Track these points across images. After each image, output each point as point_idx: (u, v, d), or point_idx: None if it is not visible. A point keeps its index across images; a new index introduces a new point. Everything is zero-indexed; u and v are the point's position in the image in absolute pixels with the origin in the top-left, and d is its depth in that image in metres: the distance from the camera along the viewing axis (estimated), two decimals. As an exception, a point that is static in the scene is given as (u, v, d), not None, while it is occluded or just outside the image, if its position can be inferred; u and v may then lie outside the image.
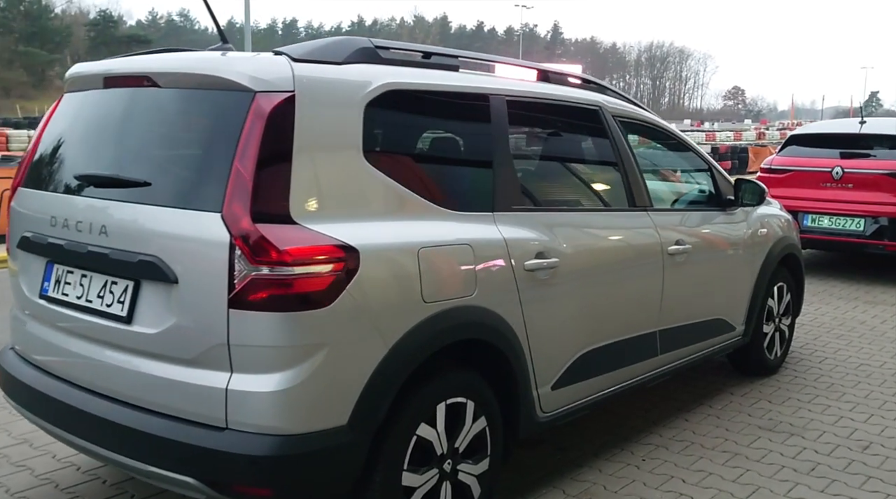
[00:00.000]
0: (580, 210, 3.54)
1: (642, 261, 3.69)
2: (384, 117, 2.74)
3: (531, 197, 3.31)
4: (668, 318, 3.89)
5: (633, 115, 3.96)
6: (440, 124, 3.13)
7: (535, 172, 3.57)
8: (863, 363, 5.25)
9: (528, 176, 3.41)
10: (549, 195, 3.50)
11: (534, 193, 3.36)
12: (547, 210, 3.31)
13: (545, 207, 3.35)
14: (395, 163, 2.75)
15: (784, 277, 5.01)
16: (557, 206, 3.46)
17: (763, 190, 4.43)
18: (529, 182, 3.38)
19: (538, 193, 3.40)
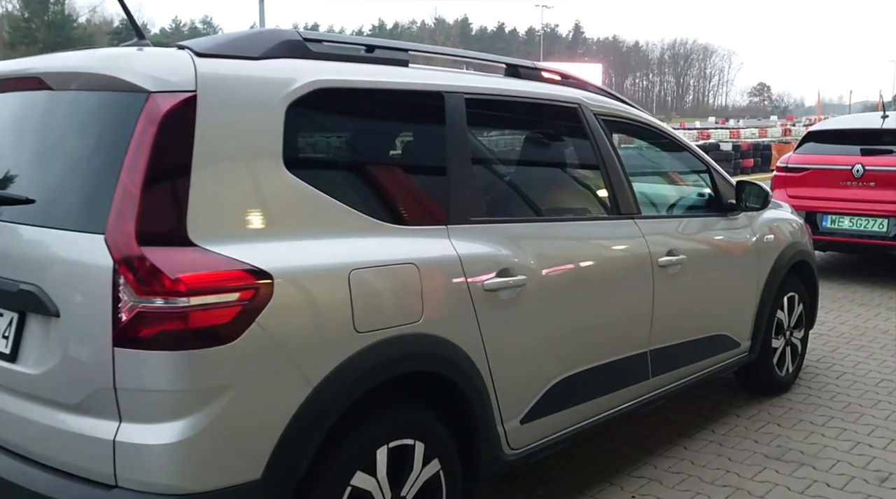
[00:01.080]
0: (553, 220, 3.16)
1: (628, 274, 3.31)
2: (312, 120, 2.40)
3: (495, 207, 2.95)
4: (661, 336, 3.51)
5: (619, 113, 3.59)
6: (382, 127, 2.78)
7: (501, 178, 3.20)
8: (884, 378, 4.82)
9: (491, 183, 3.06)
10: (516, 204, 3.14)
11: (498, 202, 3.00)
12: (513, 221, 2.95)
13: (511, 217, 2.99)
14: (325, 172, 2.42)
15: (795, 286, 4.60)
16: (526, 216, 3.09)
17: (767, 193, 4.03)
18: (493, 190, 3.03)
19: (504, 202, 3.05)
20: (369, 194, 2.51)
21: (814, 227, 7.61)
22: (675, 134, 3.93)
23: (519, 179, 3.31)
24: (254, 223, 2.15)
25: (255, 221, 2.15)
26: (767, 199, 4.05)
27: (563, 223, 3.17)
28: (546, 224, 3.09)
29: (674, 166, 4.41)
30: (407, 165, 2.76)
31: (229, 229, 2.09)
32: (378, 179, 2.60)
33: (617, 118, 3.57)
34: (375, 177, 2.61)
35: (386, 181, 2.61)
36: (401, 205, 2.57)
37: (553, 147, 3.55)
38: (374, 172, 2.62)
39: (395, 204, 2.56)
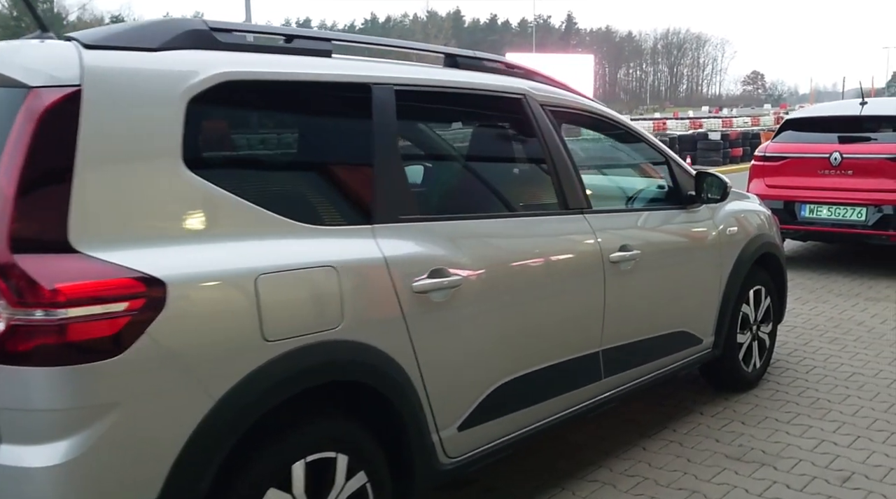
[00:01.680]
0: (494, 216, 3.02)
1: (576, 272, 3.18)
2: (218, 115, 2.27)
3: (429, 204, 2.82)
4: (614, 335, 3.39)
5: (569, 104, 3.45)
6: (299, 122, 2.65)
7: (437, 174, 3.07)
8: (856, 372, 4.70)
9: (426, 179, 2.93)
10: (453, 201, 3.01)
11: (433, 199, 2.87)
12: (449, 219, 2.81)
13: (447, 215, 2.85)
14: (233, 171, 2.28)
15: (762, 279, 4.48)
16: (464, 213, 2.95)
17: (725, 184, 3.90)
18: (428, 186, 2.90)
19: (439, 199, 2.92)
20: (283, 194, 2.38)
21: (792, 216, 7.51)
22: (632, 125, 3.80)
23: (457, 174, 3.18)
24: (147, 227, 2.01)
25: (148, 224, 2.02)
26: (726, 190, 3.91)
27: (504, 220, 3.03)
28: (486, 221, 2.95)
29: (631, 158, 4.28)
30: (327, 162, 2.62)
31: (119, 234, 1.95)
32: (293, 177, 2.47)
33: (566, 109, 3.44)
34: (290, 175, 2.47)
35: (302, 180, 2.47)
36: (319, 204, 2.44)
37: (495, 140, 3.42)
38: (289, 169, 2.49)
39: (313, 203, 2.43)
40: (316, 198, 2.45)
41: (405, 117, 2.74)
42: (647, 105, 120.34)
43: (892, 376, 4.60)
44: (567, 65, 46.07)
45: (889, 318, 5.88)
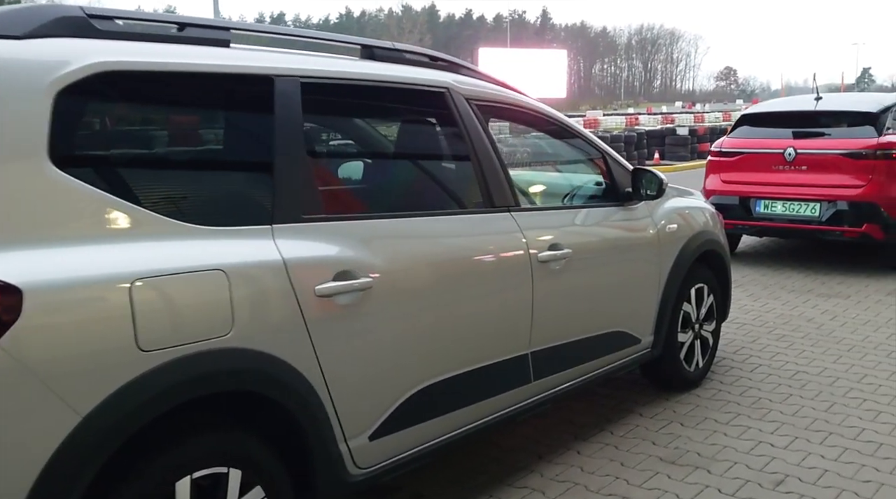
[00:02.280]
0: (412, 215, 2.88)
1: (500, 272, 3.07)
2: (94, 109, 2.13)
3: (339, 203, 2.70)
4: (544, 337, 3.28)
5: (497, 99, 3.34)
6: (189, 116, 2.51)
7: (349, 171, 2.95)
8: (800, 370, 4.64)
9: (336, 177, 2.79)
10: (368, 199, 2.89)
11: (344, 197, 2.75)
12: (361, 218, 2.68)
13: (360, 213, 2.72)
14: (110, 169, 2.14)
15: (704, 277, 4.40)
16: (378, 211, 2.83)
17: (661, 180, 3.81)
18: (338, 184, 2.77)
19: (352, 197, 2.79)
20: (168, 193, 2.24)
21: (748, 212, 7.47)
22: (565, 119, 3.69)
23: (373, 171, 3.05)
24: (6, 230, 1.87)
25: (7, 227, 1.87)
26: (662, 187, 3.82)
27: (423, 218, 2.90)
28: (402, 220, 2.82)
29: (566, 155, 4.17)
30: (220, 159, 2.48)
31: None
32: (181, 175, 2.33)
33: (494, 103, 3.32)
34: (177, 173, 2.33)
35: (190, 178, 2.33)
36: (209, 204, 2.30)
37: (415, 135, 3.30)
38: (175, 167, 2.34)
39: (202, 203, 2.29)
40: (206, 197, 2.32)
41: (314, 112, 2.62)
42: (622, 100, 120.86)
43: (836, 374, 4.54)
44: (540, 60, 46.06)
45: (839, 314, 5.84)
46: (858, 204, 6.94)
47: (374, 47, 2.96)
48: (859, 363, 4.73)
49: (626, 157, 19.65)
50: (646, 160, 20.43)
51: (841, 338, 5.25)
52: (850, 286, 6.70)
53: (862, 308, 5.99)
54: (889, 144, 6.97)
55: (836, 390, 4.30)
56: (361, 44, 2.97)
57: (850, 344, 5.10)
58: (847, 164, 7.03)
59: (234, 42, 2.51)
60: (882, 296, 6.34)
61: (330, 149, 2.92)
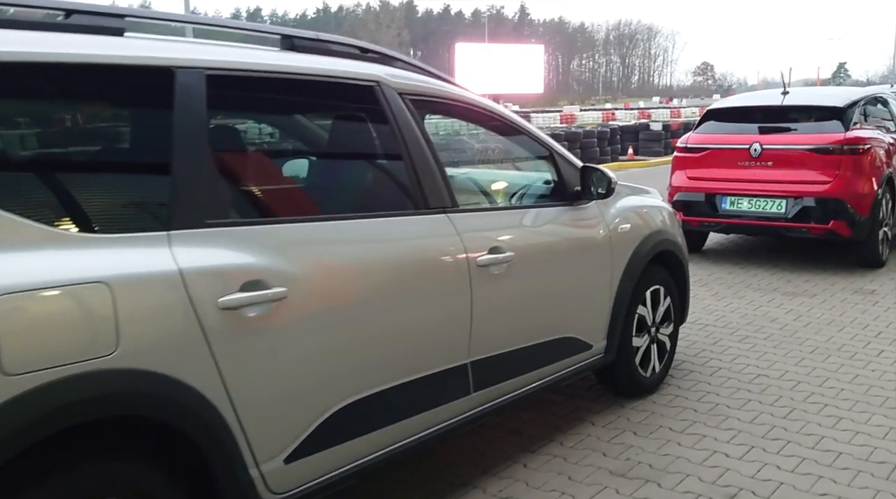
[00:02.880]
0: (333, 218, 2.68)
1: (434, 278, 2.88)
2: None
3: (249, 206, 2.49)
4: (485, 345, 3.10)
5: (435, 93, 3.14)
6: (74, 111, 2.30)
7: (264, 172, 2.74)
8: (761, 374, 4.50)
9: (247, 178, 2.58)
10: (283, 202, 2.67)
11: (256, 200, 2.54)
12: (275, 222, 2.48)
13: (273, 217, 2.52)
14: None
15: (660, 278, 4.23)
16: (296, 215, 2.62)
17: (610, 179, 3.63)
18: (250, 186, 2.56)
19: (265, 200, 2.58)
20: (45, 197, 2.03)
21: (714, 209, 7.33)
22: (510, 115, 3.50)
23: (291, 171, 2.84)
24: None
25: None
26: (611, 186, 3.64)
27: (347, 222, 2.69)
28: (324, 224, 2.61)
29: (511, 152, 3.99)
30: (107, 159, 2.27)
31: None
32: (60, 178, 2.11)
33: (432, 98, 3.13)
34: (55, 175, 2.11)
35: (71, 180, 2.12)
36: (93, 209, 2.09)
37: (341, 132, 3.09)
38: (53, 169, 2.13)
39: (85, 208, 2.08)
40: (90, 201, 2.11)
41: (222, 107, 2.41)
42: (600, 96, 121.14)
43: (797, 378, 4.40)
44: (517, 55, 45.84)
45: (803, 313, 5.71)
46: (825, 200, 6.82)
47: (294, 37, 2.75)
48: (822, 366, 4.59)
49: (599, 152, 19.60)
50: (619, 156, 20.35)
51: (804, 339, 5.11)
52: (816, 284, 6.57)
53: (827, 307, 5.86)
54: (856, 139, 6.86)
55: (796, 395, 4.15)
56: (281, 33, 2.76)
57: (814, 345, 4.97)
58: (813, 159, 6.90)
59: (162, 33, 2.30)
60: (848, 294, 6.22)
61: (241, 147, 2.70)
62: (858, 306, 5.87)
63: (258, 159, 2.78)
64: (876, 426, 3.73)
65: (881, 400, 4.05)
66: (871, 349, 4.87)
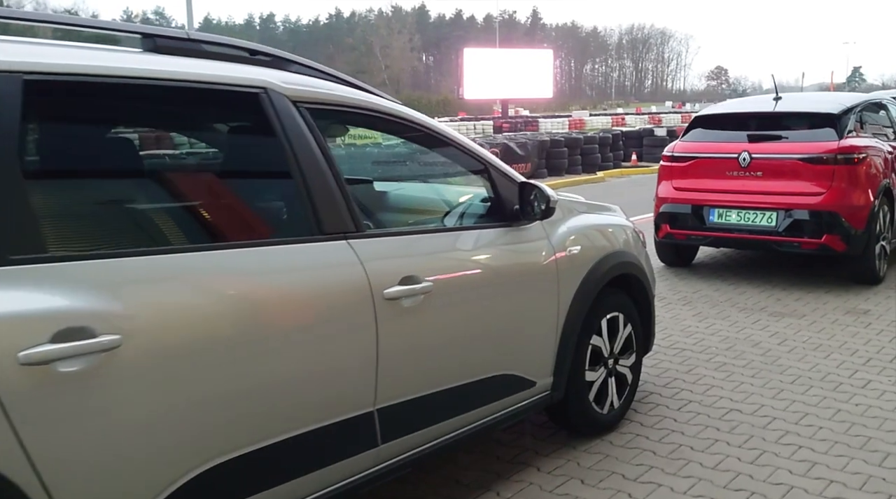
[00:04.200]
0: (189, 249, 2.28)
1: (326, 315, 2.50)
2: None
3: (74, 236, 2.12)
4: (396, 390, 2.72)
5: (341, 101, 2.77)
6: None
7: (99, 194, 2.36)
8: (734, 408, 4.09)
9: (73, 202, 2.22)
10: (128, 231, 2.30)
11: (84, 229, 2.17)
12: (109, 256, 2.09)
13: (109, 250, 2.14)
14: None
15: (620, 304, 3.84)
16: (142, 246, 2.24)
17: (549, 197, 3.24)
18: (76, 211, 2.19)
19: (95, 229, 2.21)
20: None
21: (701, 221, 6.92)
22: (436, 125, 3.11)
23: (140, 194, 2.46)
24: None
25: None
26: (549, 204, 3.24)
27: (209, 253, 2.29)
28: (175, 257, 2.21)
29: (440, 167, 3.61)
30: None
31: None
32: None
33: (336, 107, 2.76)
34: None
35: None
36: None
37: (212, 146, 2.72)
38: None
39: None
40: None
41: (48, 118, 2.05)
42: (612, 100, 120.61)
43: (772, 414, 3.99)
44: (526, 60, 45.49)
45: (789, 337, 5.29)
46: (817, 213, 6.40)
47: (157, 37, 2.38)
48: (801, 399, 4.18)
49: (601, 159, 19.18)
50: (622, 162, 19.93)
51: (786, 367, 4.69)
52: (807, 304, 6.15)
53: (815, 330, 5.44)
54: (851, 148, 6.43)
55: (768, 435, 3.74)
56: (141, 32, 2.39)
57: (795, 374, 4.55)
58: (805, 169, 6.48)
59: None
60: (840, 315, 5.80)
61: (70, 167, 2.32)
62: (849, 329, 5.44)
63: (96, 181, 2.39)
64: (853, 474, 3.32)
65: (861, 441, 3.63)
66: (857, 379, 4.45)
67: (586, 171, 18.62)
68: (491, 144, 16.75)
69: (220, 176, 2.67)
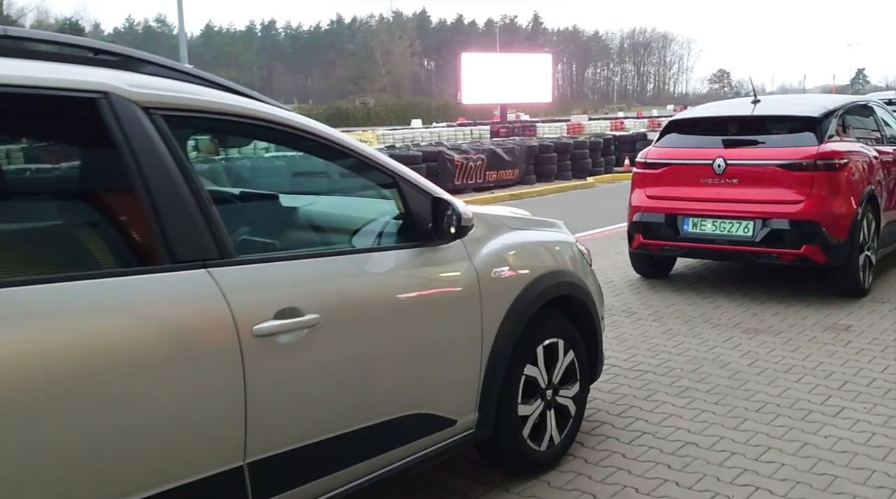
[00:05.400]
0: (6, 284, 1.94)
1: (174, 357, 2.13)
2: None
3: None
4: (273, 440, 2.37)
5: (205, 107, 2.41)
6: None
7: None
8: (690, 441, 3.72)
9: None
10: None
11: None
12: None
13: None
14: None
15: (559, 329, 3.48)
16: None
17: (461, 215, 2.87)
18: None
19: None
20: None
21: (675, 232, 6.55)
22: (332, 134, 2.74)
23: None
24: None
25: None
26: (461, 223, 2.88)
27: (28, 289, 1.93)
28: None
29: (340, 181, 3.24)
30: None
31: None
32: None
33: (199, 114, 2.40)
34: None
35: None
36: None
37: (36, 161, 2.36)
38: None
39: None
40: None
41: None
42: (614, 104, 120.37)
43: (731, 448, 3.62)
44: (525, 64, 45.28)
45: (761, 357, 4.92)
46: (796, 222, 6.02)
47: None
48: (765, 430, 3.81)
49: (592, 164, 18.81)
50: (614, 166, 19.56)
51: (753, 392, 4.32)
52: (784, 319, 5.77)
53: (790, 349, 5.06)
54: (831, 153, 6.06)
55: (723, 474, 3.37)
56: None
57: (762, 401, 4.18)
58: (783, 176, 6.11)
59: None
60: (818, 332, 5.42)
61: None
62: (827, 347, 5.07)
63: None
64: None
65: (826, 482, 3.26)
66: (829, 406, 4.07)
67: (577, 176, 18.25)
68: (477, 149, 16.39)
69: (47, 197, 2.31)
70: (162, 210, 2.18)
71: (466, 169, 15.81)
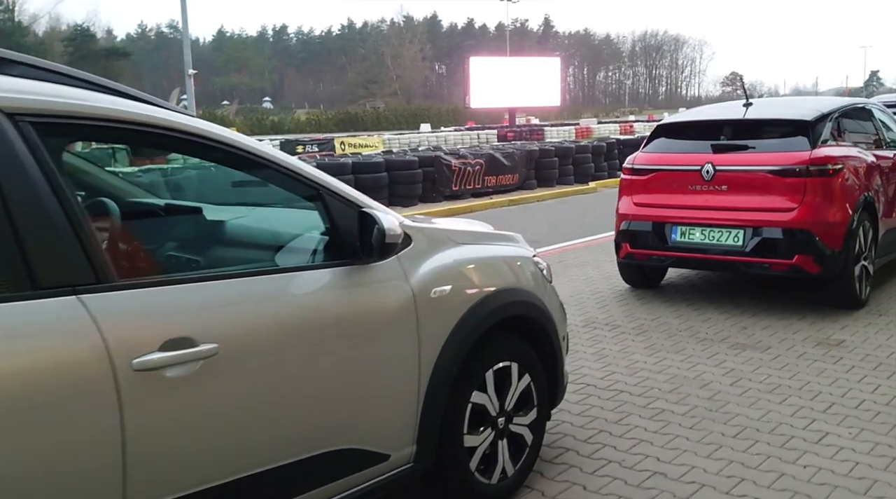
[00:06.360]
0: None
1: (38, 398, 1.89)
2: None
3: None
4: (160, 486, 2.12)
5: (91, 113, 2.16)
6: None
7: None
8: (658, 471, 3.44)
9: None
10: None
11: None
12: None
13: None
14: None
15: (513, 352, 3.21)
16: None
17: (384, 232, 2.60)
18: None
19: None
20: None
21: (662, 241, 6.26)
22: (243, 142, 2.48)
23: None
24: None
25: None
26: (384, 240, 2.61)
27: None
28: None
29: (255, 193, 2.99)
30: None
31: None
32: None
33: (81, 121, 2.15)
34: None
35: None
36: None
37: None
38: None
39: None
40: None
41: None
42: (626, 107, 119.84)
43: (700, 479, 3.34)
44: (533, 68, 45.06)
45: (745, 375, 4.62)
46: (788, 231, 5.73)
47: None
48: (740, 459, 3.52)
49: (594, 168, 18.50)
50: (617, 171, 19.22)
51: (733, 415, 4.03)
52: (774, 333, 5.46)
53: (777, 366, 4.77)
54: (825, 159, 5.76)
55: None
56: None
57: (741, 425, 3.89)
58: (775, 183, 5.81)
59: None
60: (809, 347, 5.12)
61: None
62: (816, 364, 4.77)
63: None
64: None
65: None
66: (812, 432, 3.78)
67: (578, 181, 17.96)
68: (475, 154, 16.13)
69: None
70: (23, 229, 1.93)
71: (464, 174, 15.55)
